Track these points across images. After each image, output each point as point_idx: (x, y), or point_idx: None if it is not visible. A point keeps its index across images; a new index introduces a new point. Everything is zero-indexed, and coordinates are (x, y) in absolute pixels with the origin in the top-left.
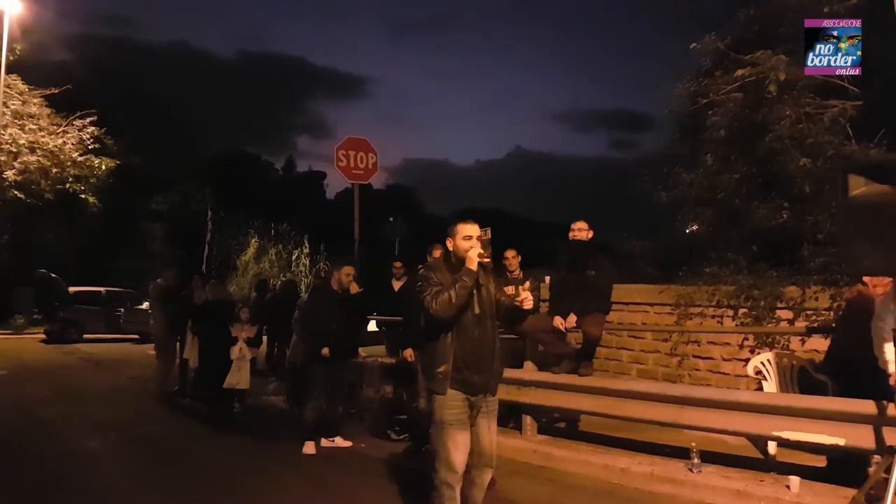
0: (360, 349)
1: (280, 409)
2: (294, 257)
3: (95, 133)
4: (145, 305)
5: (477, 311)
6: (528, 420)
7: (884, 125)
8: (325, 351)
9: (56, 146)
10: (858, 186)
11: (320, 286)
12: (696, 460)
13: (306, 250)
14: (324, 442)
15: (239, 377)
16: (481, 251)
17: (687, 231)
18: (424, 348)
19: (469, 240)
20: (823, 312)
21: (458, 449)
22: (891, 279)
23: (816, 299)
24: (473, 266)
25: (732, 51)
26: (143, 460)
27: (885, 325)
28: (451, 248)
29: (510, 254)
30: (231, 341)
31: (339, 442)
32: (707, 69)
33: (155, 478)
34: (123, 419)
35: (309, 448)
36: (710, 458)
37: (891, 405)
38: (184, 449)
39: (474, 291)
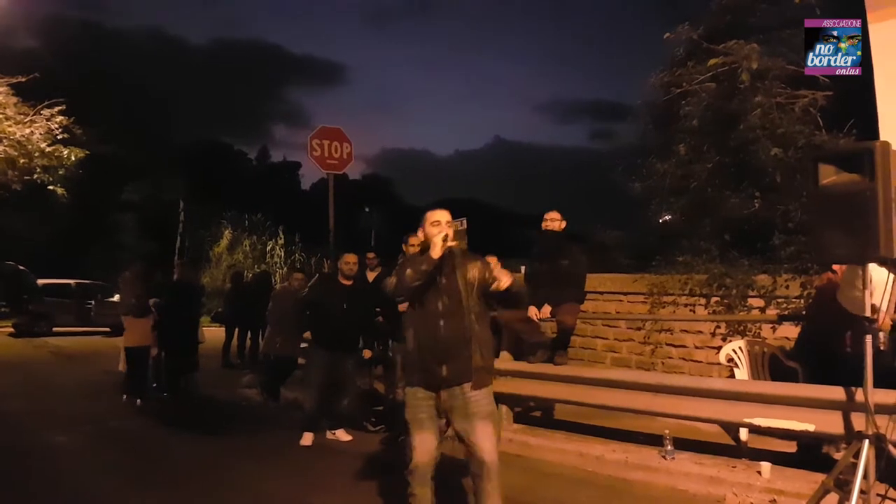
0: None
1: (255, 402)
2: (269, 248)
3: (64, 122)
4: (116, 298)
5: (446, 300)
6: (503, 409)
7: (853, 115)
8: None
9: (23, 136)
10: (828, 176)
11: (326, 276)
12: (669, 447)
13: (281, 241)
14: (328, 435)
15: None
16: (447, 234)
17: (660, 221)
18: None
19: (437, 225)
20: (794, 300)
21: (415, 448)
22: None
23: (787, 287)
24: (434, 252)
25: (705, 41)
26: (116, 455)
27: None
28: (422, 237)
29: (492, 260)
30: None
31: (341, 435)
32: (681, 59)
33: (129, 473)
34: (96, 413)
35: (307, 440)
36: (683, 444)
37: (858, 391)
38: (158, 443)
39: (444, 280)
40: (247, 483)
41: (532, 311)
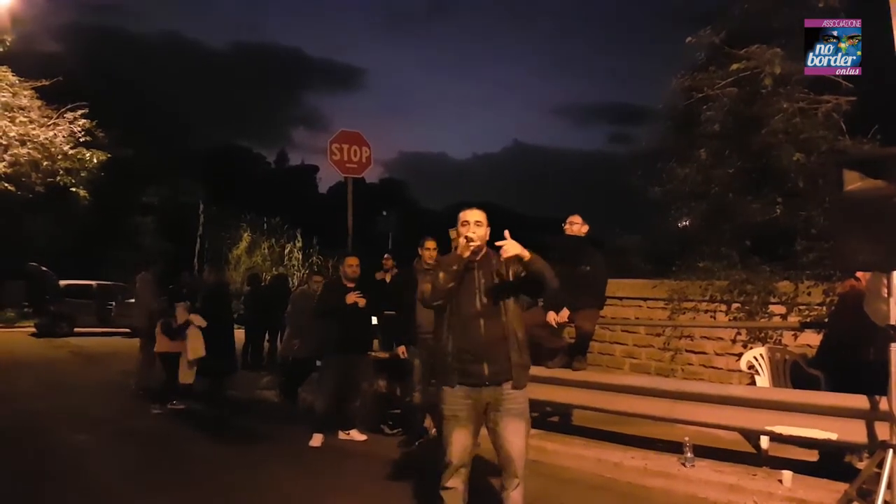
0: None
1: (272, 403)
2: (287, 251)
3: (86, 125)
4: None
5: (484, 300)
6: None
7: (877, 120)
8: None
9: (47, 139)
10: (853, 181)
11: (332, 281)
12: (689, 454)
13: (299, 244)
14: (340, 435)
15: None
16: (468, 234)
17: (680, 226)
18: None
19: (465, 226)
20: (816, 307)
21: (450, 444)
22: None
23: (809, 294)
24: (460, 251)
25: (727, 45)
26: (134, 455)
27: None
28: (456, 237)
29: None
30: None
31: (355, 435)
32: (702, 63)
33: (146, 472)
34: (115, 413)
35: (316, 441)
36: (702, 452)
37: (882, 399)
38: (175, 443)
39: (482, 279)
40: (264, 484)
41: (551, 316)
